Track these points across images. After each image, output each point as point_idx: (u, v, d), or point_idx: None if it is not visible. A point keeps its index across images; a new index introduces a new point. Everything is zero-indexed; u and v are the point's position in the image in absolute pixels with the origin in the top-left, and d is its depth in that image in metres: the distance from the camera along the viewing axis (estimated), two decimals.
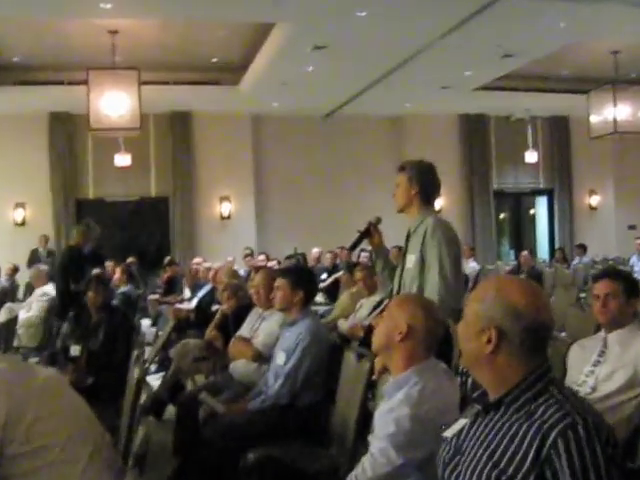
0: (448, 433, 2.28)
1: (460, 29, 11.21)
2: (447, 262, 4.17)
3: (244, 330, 5.89)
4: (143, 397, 3.78)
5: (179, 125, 17.30)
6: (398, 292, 4.39)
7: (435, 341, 3.02)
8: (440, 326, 3.06)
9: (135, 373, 3.99)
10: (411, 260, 4.34)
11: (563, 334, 7.12)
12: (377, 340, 3.05)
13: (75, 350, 5.99)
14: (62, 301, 8.20)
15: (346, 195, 17.92)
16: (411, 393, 2.84)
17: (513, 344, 2.04)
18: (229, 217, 17.60)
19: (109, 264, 13.59)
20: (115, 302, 8.76)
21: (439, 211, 15.89)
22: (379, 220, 4.69)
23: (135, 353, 4.88)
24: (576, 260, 16.38)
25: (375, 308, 7.17)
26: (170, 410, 6.51)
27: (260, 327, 5.65)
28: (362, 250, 12.76)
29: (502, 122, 19.38)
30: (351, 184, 18.03)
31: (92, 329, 6.34)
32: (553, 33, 11.81)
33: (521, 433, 1.98)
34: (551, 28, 11.47)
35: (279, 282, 5.01)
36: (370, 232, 4.65)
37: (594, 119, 15.25)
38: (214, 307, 8.06)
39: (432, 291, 4.12)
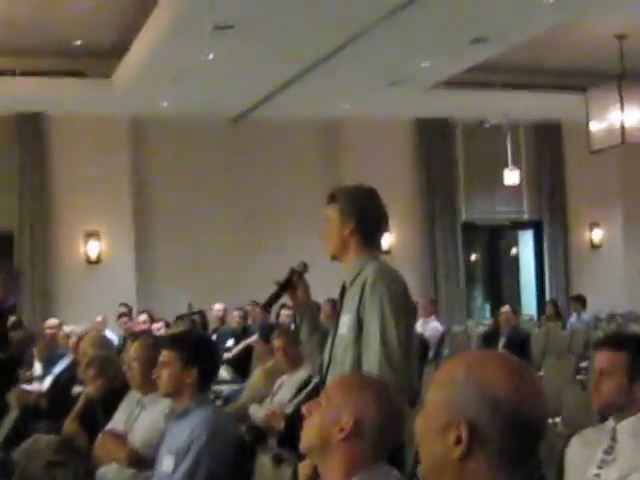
0: None
1: (413, 3, 11.34)
2: (392, 325, 4.13)
3: (117, 422, 5.81)
4: None
5: (28, 132, 17.15)
6: (328, 367, 4.35)
7: (390, 441, 2.95)
8: (399, 421, 3.01)
9: None
10: (345, 323, 4.30)
11: (557, 421, 7.18)
12: (308, 437, 2.97)
13: None
14: None
15: (261, 231, 17.91)
16: None
17: (491, 445, 1.99)
18: (98, 261, 17.42)
19: None
20: None
21: (388, 252, 16.03)
22: (305, 267, 4.63)
23: None
24: (573, 317, 16.60)
25: (301, 389, 7.13)
26: None
27: (139, 418, 5.57)
28: (283, 306, 12.68)
29: (473, 130, 19.68)
30: (268, 215, 18.06)
31: None
32: (539, 10, 12.04)
33: None
34: (536, 4, 11.70)
35: (164, 356, 4.94)
36: (292, 284, 4.60)
37: (595, 126, 15.52)
38: (75, 389, 7.91)
39: (371, 366, 4.08)
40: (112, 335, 12.88)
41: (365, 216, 4.36)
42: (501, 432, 1.98)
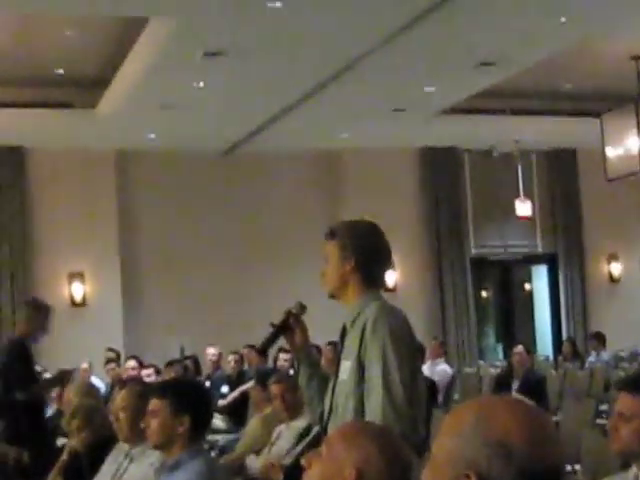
0: None
1: (417, 25, 11.39)
2: (395, 368, 4.10)
3: (104, 476, 5.78)
4: None
5: (8, 167, 17.20)
6: (329, 415, 4.32)
7: None
8: (406, 473, 2.98)
9: None
10: (346, 368, 4.27)
11: (577, 468, 7.14)
12: None
13: None
14: None
15: (256, 269, 17.89)
16: None
17: None
18: (83, 303, 17.41)
19: None
20: None
21: (392, 289, 16.01)
22: (302, 309, 4.61)
23: None
24: (592, 357, 16.57)
25: (300, 439, 7.10)
26: None
27: (127, 472, 5.53)
28: (281, 350, 12.66)
29: (481, 158, 19.69)
30: (265, 254, 18.05)
31: None
32: (550, 31, 12.08)
33: None
34: (547, 25, 11.74)
35: (154, 404, 4.90)
36: (289, 326, 4.58)
37: (611, 152, 15.54)
38: (59, 441, 7.88)
39: (374, 412, 4.05)
40: (99, 382, 12.86)
41: (367, 252, 4.33)
42: None
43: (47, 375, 11.04)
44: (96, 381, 12.92)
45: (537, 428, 2.02)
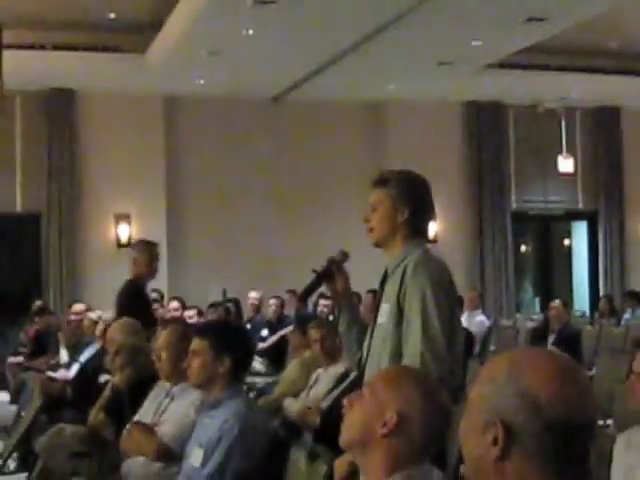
0: None
1: None
2: (434, 316, 4.09)
3: (145, 413, 5.82)
4: None
5: (58, 109, 17.24)
6: (367, 359, 4.33)
7: (434, 440, 2.95)
8: (445, 418, 2.99)
9: None
10: (385, 311, 4.27)
11: (609, 423, 7.14)
12: (350, 431, 2.96)
13: None
14: None
15: (301, 216, 17.91)
16: None
17: (530, 449, 1.98)
18: (129, 244, 17.45)
19: None
20: None
21: (434, 240, 15.98)
22: (345, 256, 4.61)
23: None
24: (628, 314, 16.49)
25: (337, 384, 7.13)
26: None
27: (168, 410, 5.58)
28: (321, 296, 12.70)
29: (526, 114, 19.60)
30: (309, 200, 18.06)
31: None
32: None
33: None
34: None
35: (196, 344, 4.95)
36: (331, 274, 4.58)
37: None
38: (102, 378, 7.96)
39: (412, 357, 4.04)
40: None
41: (419, 205, 4.32)
42: (540, 436, 1.96)
43: None
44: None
45: (569, 383, 2.01)
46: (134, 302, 8.67)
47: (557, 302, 13.51)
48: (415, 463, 2.87)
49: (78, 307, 13.29)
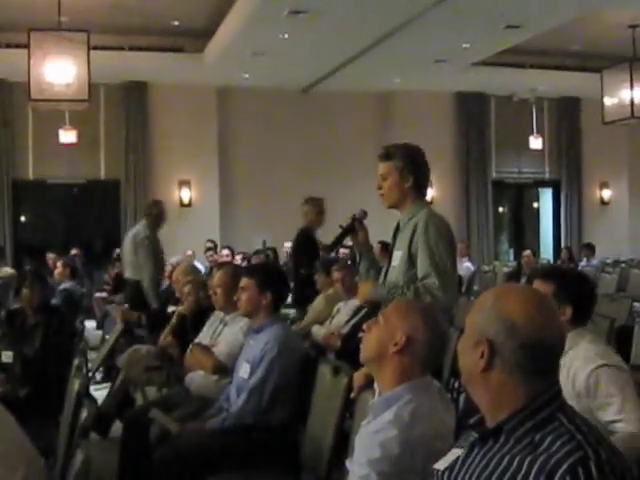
0: (439, 465, 2.24)
1: None
2: (444, 257, 4.14)
3: (203, 336, 5.85)
4: (84, 413, 3.70)
5: (134, 97, 17.20)
6: None
7: (435, 357, 2.99)
8: (443, 342, 3.02)
9: (75, 385, 3.92)
10: (397, 257, 4.29)
11: None
12: (368, 349, 3.00)
13: (7, 357, 5.90)
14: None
15: (325, 182, 17.84)
16: (401, 414, 2.79)
17: (507, 362, 2.01)
18: (189, 204, 17.52)
19: (50, 256, 13.49)
20: (55, 301, 8.68)
21: (430, 203, 15.94)
22: (365, 214, 4.61)
23: (76, 362, 4.80)
24: (584, 262, 16.45)
25: (355, 313, 7.14)
26: (118, 427, 6.43)
27: (222, 334, 5.60)
28: (341, 246, 12.69)
29: (504, 102, 19.44)
30: (331, 170, 18.01)
31: (27, 332, 6.25)
32: (564, 2, 11.82)
33: (524, 468, 1.92)
34: None
35: (244, 282, 4.96)
36: (354, 228, 4.58)
37: (608, 102, 15.34)
38: (170, 309, 7.99)
39: (426, 287, 4.06)
40: (200, 265, 12.97)
41: (421, 172, 4.34)
42: (516, 351, 2.00)
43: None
44: (198, 264, 13.05)
45: (541, 310, 2.04)
46: (306, 245, 9.01)
47: (528, 252, 13.56)
48: (419, 375, 2.92)
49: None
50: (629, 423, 3.43)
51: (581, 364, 3.56)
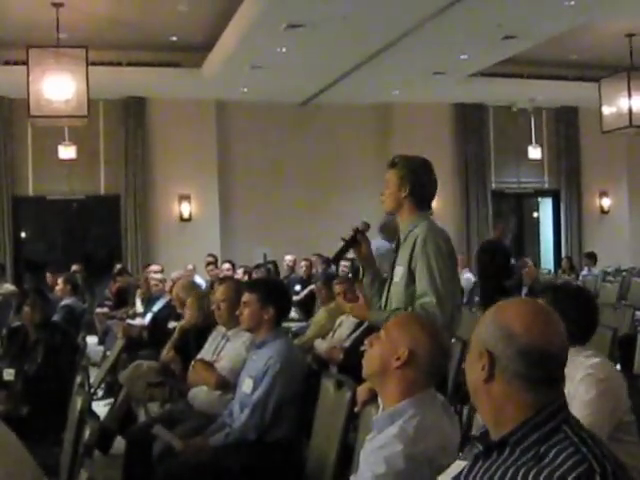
0: (444, 478, 2.24)
1: (455, 6, 11.21)
2: (438, 277, 4.09)
3: (206, 352, 5.84)
4: (87, 431, 3.69)
5: (133, 113, 17.21)
6: (385, 306, 4.34)
7: (438, 370, 2.99)
8: (445, 355, 3.02)
9: (78, 403, 3.91)
10: (398, 273, 4.27)
11: None
12: (370, 364, 2.99)
13: (9, 374, 5.90)
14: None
15: (325, 195, 17.92)
16: (406, 428, 2.78)
17: (507, 372, 2.02)
18: (190, 219, 17.52)
19: (48, 275, 13.47)
20: (56, 317, 8.67)
21: (430, 214, 15.94)
22: (367, 226, 4.57)
23: (78, 379, 4.80)
24: (585, 271, 16.44)
25: (357, 327, 7.13)
26: (119, 443, 6.42)
27: (224, 349, 5.60)
28: (342, 259, 12.72)
29: (502, 113, 19.46)
30: (331, 182, 18.03)
31: (29, 350, 6.25)
32: (561, 12, 11.83)
33: None
34: (559, 6, 11.50)
35: (246, 297, 4.96)
36: (357, 240, 4.54)
37: (606, 111, 15.36)
38: (171, 324, 7.99)
39: (423, 307, 4.05)
40: (200, 280, 12.97)
41: (419, 184, 4.32)
42: (515, 360, 2.00)
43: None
44: (198, 279, 13.04)
45: (539, 319, 2.05)
46: (496, 257, 9.47)
47: (530, 263, 13.50)
48: (423, 389, 2.91)
49: (153, 267, 13.32)
50: None
51: (571, 373, 3.53)
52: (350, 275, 11.00)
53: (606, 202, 20.50)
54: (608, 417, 3.47)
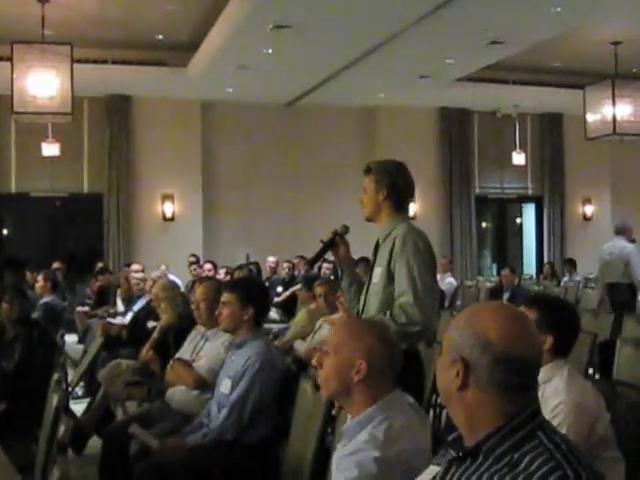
0: None
1: (442, 11, 11.22)
2: (417, 276, 4.11)
3: (184, 352, 5.82)
4: (62, 429, 3.66)
5: (117, 111, 17.16)
6: (363, 309, 4.34)
7: (396, 368, 2.92)
8: (398, 349, 2.97)
9: (54, 400, 3.88)
10: (377, 274, 4.28)
11: None
12: (329, 384, 2.91)
13: None
14: None
15: (309, 197, 17.93)
16: (375, 433, 2.75)
17: (481, 380, 1.99)
18: (172, 218, 17.49)
19: (28, 273, 13.40)
20: (35, 315, 8.62)
21: (413, 218, 15.96)
22: (346, 229, 4.57)
23: (55, 376, 4.77)
24: (566, 277, 16.50)
25: None
26: (96, 442, 6.38)
27: (203, 349, 5.58)
28: (324, 261, 12.72)
29: (487, 118, 19.53)
30: (315, 184, 18.05)
31: (6, 346, 6.21)
32: (547, 19, 11.86)
33: None
34: (545, 13, 11.52)
35: (226, 297, 4.94)
36: (335, 243, 4.55)
37: (590, 118, 15.40)
38: (150, 324, 7.96)
39: (401, 308, 4.05)
40: (177, 280, 12.91)
41: (395, 186, 4.35)
42: (490, 368, 1.98)
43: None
44: (174, 278, 12.98)
45: (515, 326, 2.03)
46: None
47: (507, 270, 13.57)
48: (387, 392, 2.87)
49: (134, 267, 13.27)
50: None
51: (551, 395, 3.51)
52: (332, 277, 11.00)
53: (589, 209, 20.61)
54: (585, 439, 3.44)
